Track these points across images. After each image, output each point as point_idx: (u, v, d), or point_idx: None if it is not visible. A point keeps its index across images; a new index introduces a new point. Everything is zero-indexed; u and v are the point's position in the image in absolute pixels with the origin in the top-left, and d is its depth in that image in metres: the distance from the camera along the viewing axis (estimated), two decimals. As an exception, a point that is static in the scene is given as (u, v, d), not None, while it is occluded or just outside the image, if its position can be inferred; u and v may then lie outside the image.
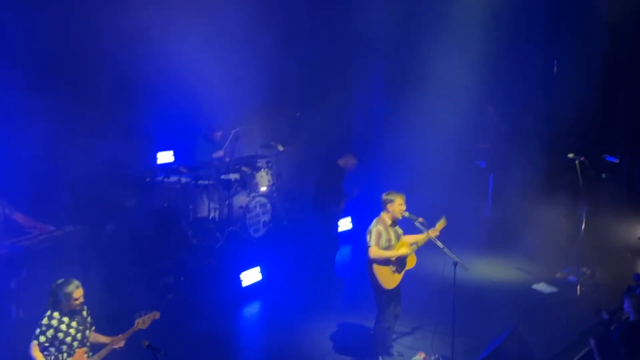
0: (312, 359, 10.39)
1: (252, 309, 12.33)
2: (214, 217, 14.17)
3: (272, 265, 13.06)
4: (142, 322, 7.75)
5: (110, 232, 12.81)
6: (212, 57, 14.27)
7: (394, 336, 10.48)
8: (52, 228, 10.92)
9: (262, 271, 12.71)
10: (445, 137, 15.49)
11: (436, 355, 10.06)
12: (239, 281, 12.34)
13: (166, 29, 13.55)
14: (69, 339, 7.60)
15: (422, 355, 10.12)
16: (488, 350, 9.33)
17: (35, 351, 7.49)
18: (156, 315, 7.85)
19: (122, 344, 7.72)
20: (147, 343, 7.05)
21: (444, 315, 10.20)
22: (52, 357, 7.54)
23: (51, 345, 7.53)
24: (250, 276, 12.52)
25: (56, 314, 7.58)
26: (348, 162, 12.97)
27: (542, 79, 16.20)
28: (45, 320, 7.55)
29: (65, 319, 7.62)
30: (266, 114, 15.94)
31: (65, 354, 7.59)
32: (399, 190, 9.94)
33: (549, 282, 12.86)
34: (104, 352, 7.69)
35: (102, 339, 7.92)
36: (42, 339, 7.50)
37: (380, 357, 10.08)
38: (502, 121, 16.06)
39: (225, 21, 14.44)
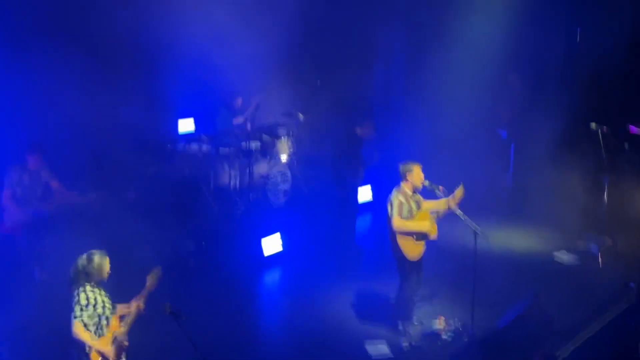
0: (332, 326, 10.44)
1: (272, 277, 12.39)
2: (234, 185, 14.19)
3: (292, 234, 13.09)
4: (151, 280, 7.72)
5: (132, 200, 12.90)
6: (232, 25, 14.24)
7: (415, 304, 10.51)
8: (75, 194, 11.02)
9: (282, 239, 12.75)
10: (467, 106, 15.39)
11: (456, 323, 10.09)
12: (260, 249, 12.39)
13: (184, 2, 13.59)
14: (106, 310, 7.52)
15: (443, 322, 10.15)
16: (508, 318, 9.34)
17: (81, 329, 7.32)
18: (157, 271, 7.78)
19: (142, 305, 7.66)
20: (169, 308, 7.10)
21: (464, 284, 10.22)
22: (94, 330, 7.41)
23: (90, 320, 7.40)
24: (271, 244, 12.56)
25: (89, 288, 7.46)
26: (365, 130, 12.94)
27: (566, 47, 16.01)
28: (82, 298, 7.37)
29: (97, 290, 7.54)
30: (287, 82, 15.87)
31: (104, 326, 7.49)
32: (420, 159, 9.92)
33: (570, 251, 12.82)
34: (132, 316, 7.60)
35: (123, 308, 7.81)
36: (86, 316, 7.37)
37: (400, 325, 10.12)
38: (525, 90, 15.91)
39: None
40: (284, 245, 12.71)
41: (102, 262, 7.52)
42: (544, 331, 8.91)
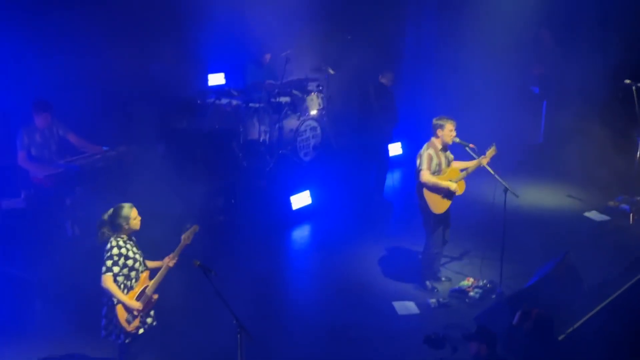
0: (360, 283, 10.48)
1: (301, 232, 12.44)
2: (264, 140, 14.20)
3: (321, 189, 13.10)
4: (187, 237, 7.72)
5: (162, 153, 12.94)
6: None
7: (442, 261, 10.54)
8: (105, 148, 11.07)
9: (311, 195, 12.77)
10: (499, 62, 15.21)
11: (484, 281, 10.09)
12: (289, 204, 12.43)
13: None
14: (137, 264, 7.57)
15: (471, 280, 10.16)
16: (537, 277, 9.30)
17: (110, 283, 7.36)
18: (195, 228, 7.77)
19: (174, 261, 7.71)
20: (198, 263, 7.14)
21: (493, 242, 10.22)
22: (123, 285, 7.48)
23: (120, 273, 7.46)
24: (300, 199, 12.60)
25: (121, 241, 7.50)
26: (388, 77, 12.85)
27: (599, 4, 15.73)
28: (115, 250, 7.41)
29: (129, 244, 7.58)
30: (317, 37, 15.77)
31: (133, 280, 7.55)
32: (451, 115, 9.85)
33: (601, 211, 12.74)
34: (163, 272, 7.64)
35: (154, 263, 7.89)
36: (116, 269, 7.40)
37: (427, 282, 10.15)
38: (558, 46, 15.70)
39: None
40: (313, 200, 12.72)
41: (128, 213, 7.54)
42: (572, 290, 8.87)
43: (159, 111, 13.20)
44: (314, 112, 14.58)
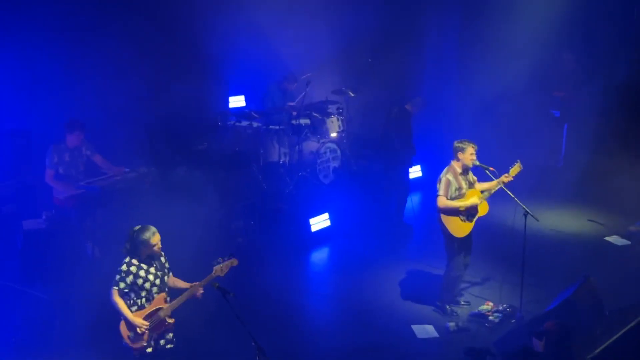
0: (379, 305, 10.43)
1: (320, 254, 12.43)
2: (284, 162, 14.23)
3: (341, 211, 13.10)
4: (220, 269, 7.68)
5: (182, 175, 13.00)
6: (285, 4, 14.28)
7: (462, 285, 10.47)
8: (126, 170, 11.13)
9: (331, 217, 12.76)
10: (520, 85, 15.20)
11: (504, 305, 10.02)
12: (308, 226, 12.42)
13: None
14: (147, 285, 7.63)
15: (490, 304, 10.09)
16: (557, 301, 9.23)
17: (116, 297, 7.56)
18: (234, 262, 7.78)
19: (200, 291, 7.71)
20: (217, 284, 7.15)
21: (513, 266, 10.15)
22: (132, 302, 7.59)
23: (131, 290, 7.58)
24: (319, 221, 12.59)
25: (135, 261, 7.60)
26: (416, 104, 12.83)
27: (622, 26, 15.69)
28: (124, 267, 7.57)
29: (144, 265, 7.63)
30: (338, 59, 15.83)
31: (144, 299, 7.62)
32: (470, 138, 9.84)
33: (622, 235, 12.63)
34: (183, 298, 7.69)
35: (181, 284, 7.92)
36: (122, 285, 7.55)
37: (447, 306, 10.10)
38: (579, 69, 15.67)
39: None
40: (332, 222, 12.72)
41: (148, 237, 7.58)
42: (593, 315, 8.79)
43: (180, 133, 13.30)
44: (334, 135, 14.60)
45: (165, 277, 7.85)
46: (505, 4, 15.42)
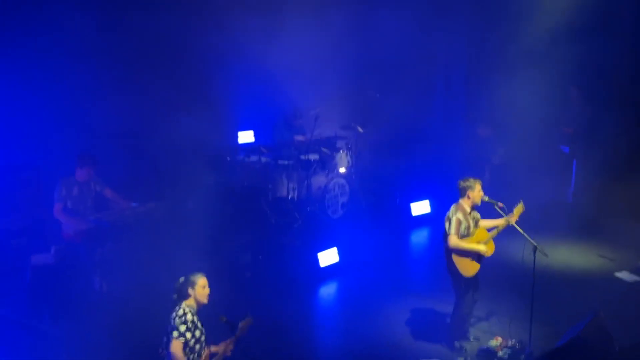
0: (388, 341, 10.36)
1: (328, 290, 12.38)
2: (292, 197, 14.25)
3: (349, 247, 13.08)
4: (243, 325, 7.41)
5: (191, 210, 13.03)
6: (292, 39, 14.38)
7: (471, 321, 10.42)
8: (134, 204, 11.17)
9: (339, 252, 12.74)
10: (528, 121, 15.22)
11: (513, 341, 9.95)
12: (317, 261, 12.39)
13: (245, 16, 13.78)
14: (202, 338, 7.34)
15: (499, 340, 10.02)
16: (567, 337, 9.17)
17: (180, 350, 7.09)
18: (249, 320, 7.53)
19: (229, 349, 7.44)
20: (224, 318, 7.12)
21: (523, 301, 10.09)
22: (189, 356, 7.23)
23: (191, 342, 7.22)
24: (328, 257, 12.56)
25: (192, 310, 7.27)
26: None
27: (630, 61, 15.74)
28: (189, 317, 7.18)
29: (197, 317, 7.35)
30: (346, 95, 15.92)
31: (196, 354, 7.30)
32: (478, 175, 9.84)
33: (633, 271, 12.56)
34: (219, 356, 7.42)
35: (213, 348, 7.60)
36: (189, 335, 7.15)
37: (456, 343, 10.02)
38: (588, 105, 15.69)
39: (303, 6, 14.54)
40: (340, 257, 12.70)
41: (196, 280, 7.35)
42: (603, 351, 8.72)
43: (188, 168, 13.35)
44: (342, 170, 14.63)
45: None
46: (513, 42, 15.50)
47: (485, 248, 9.59)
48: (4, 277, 11.02)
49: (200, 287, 7.33)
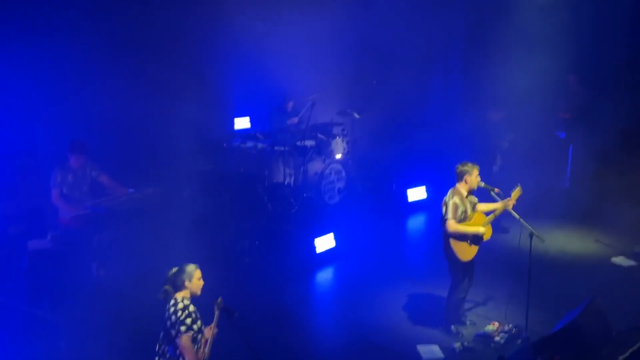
0: (384, 326, 10.40)
1: (325, 275, 12.39)
2: (289, 183, 14.26)
3: (346, 233, 13.09)
4: (217, 306, 7.21)
5: (187, 196, 13.03)
6: (289, 26, 14.35)
7: (467, 305, 10.45)
8: (131, 190, 11.16)
9: (336, 238, 12.76)
10: (525, 107, 15.22)
11: (510, 325, 9.98)
12: (313, 247, 12.41)
13: (242, 1, 13.77)
14: (203, 327, 7.26)
15: (496, 324, 10.05)
16: (564, 322, 9.19)
17: (188, 344, 7.00)
18: (219, 301, 7.23)
19: (215, 330, 7.31)
20: (220, 303, 7.09)
21: (519, 286, 10.12)
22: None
23: (198, 333, 7.15)
24: (324, 242, 12.58)
25: (188, 300, 7.17)
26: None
27: (628, 49, 15.73)
28: (191, 308, 7.08)
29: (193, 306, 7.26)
30: (343, 81, 15.90)
31: (200, 343, 7.20)
32: (475, 160, 9.85)
33: (629, 256, 12.58)
34: (210, 342, 7.27)
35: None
36: (196, 327, 7.07)
37: (453, 327, 10.05)
38: (584, 91, 15.69)
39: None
40: (337, 243, 12.71)
41: (192, 271, 7.27)
42: (600, 336, 8.75)
43: (185, 154, 13.34)
44: (338, 156, 14.64)
45: None
46: (512, 29, 15.48)
47: (484, 229, 9.60)
48: (1, 263, 11.01)
49: (197, 279, 7.29)
